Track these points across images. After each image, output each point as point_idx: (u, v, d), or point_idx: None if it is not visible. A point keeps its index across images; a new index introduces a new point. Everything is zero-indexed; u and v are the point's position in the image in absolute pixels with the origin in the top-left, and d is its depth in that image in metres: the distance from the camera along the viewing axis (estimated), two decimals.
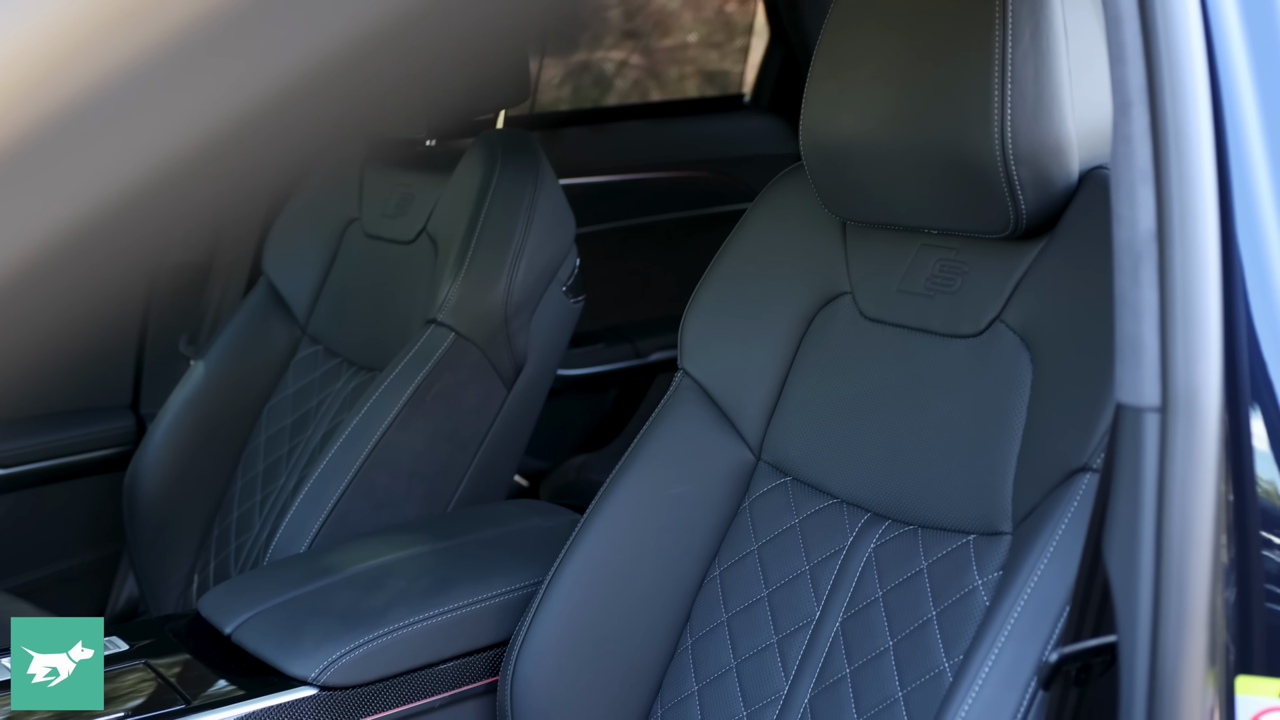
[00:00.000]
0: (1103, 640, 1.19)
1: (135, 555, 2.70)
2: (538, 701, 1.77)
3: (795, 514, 1.74)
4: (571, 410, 3.53)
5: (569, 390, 3.45)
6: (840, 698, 1.59)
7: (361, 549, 2.06)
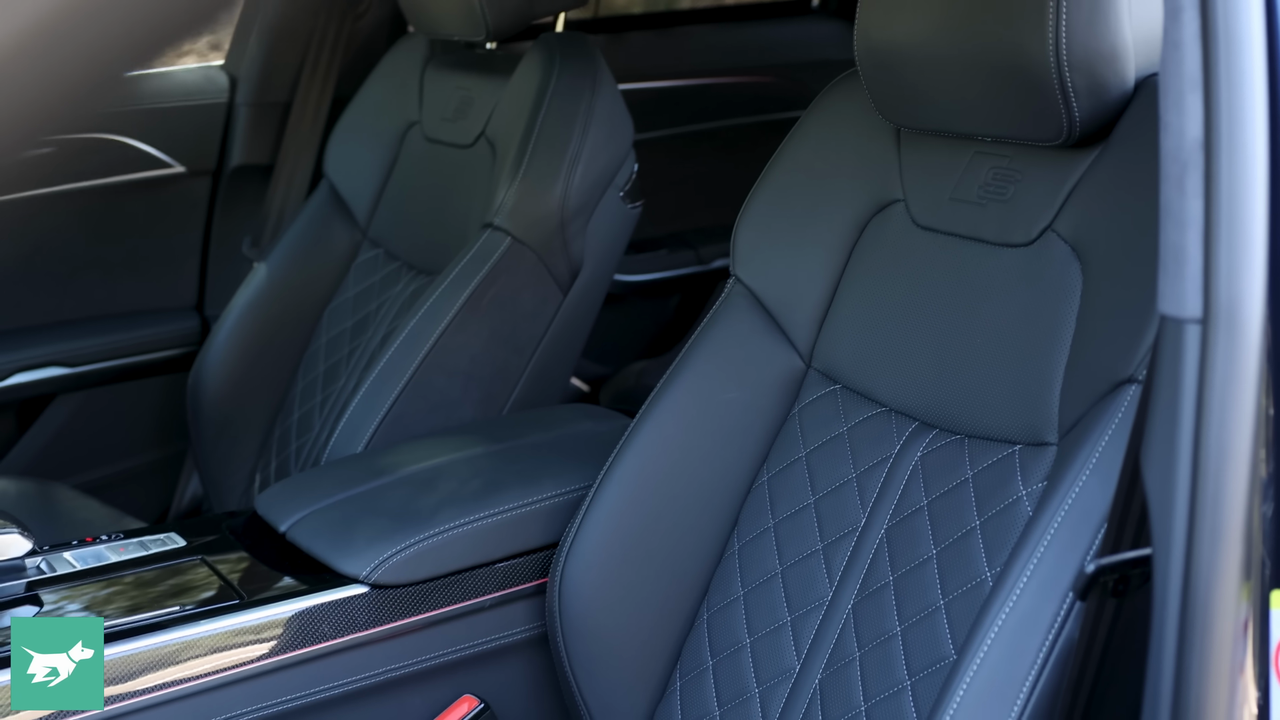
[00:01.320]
0: (1141, 552, 1.19)
1: (199, 454, 2.74)
2: (586, 603, 1.79)
3: (844, 421, 1.74)
4: (633, 316, 3.54)
5: (630, 296, 3.46)
6: (883, 604, 1.60)
7: (415, 450, 2.09)
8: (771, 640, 1.70)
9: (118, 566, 1.84)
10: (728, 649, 1.74)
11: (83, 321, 2.96)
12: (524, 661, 1.92)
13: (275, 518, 1.93)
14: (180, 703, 1.67)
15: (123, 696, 1.63)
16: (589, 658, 1.79)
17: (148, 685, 1.65)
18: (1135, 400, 1.37)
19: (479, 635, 1.88)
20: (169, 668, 1.66)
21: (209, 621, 1.71)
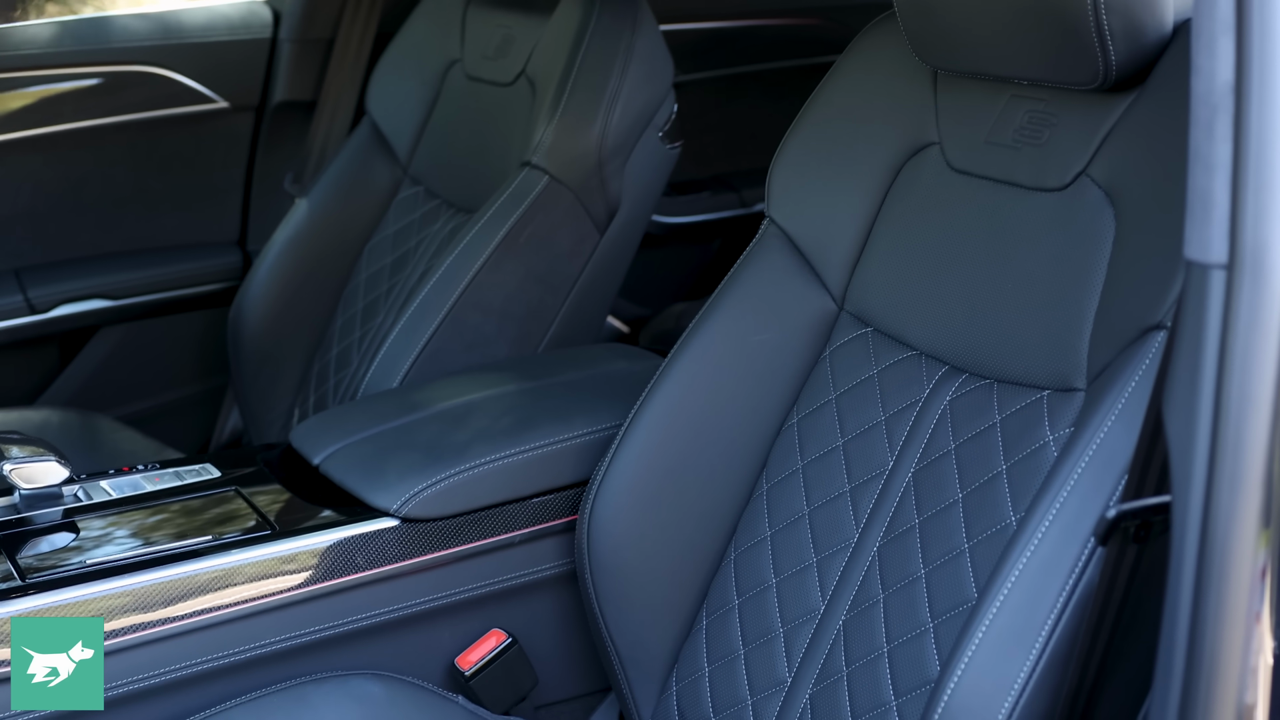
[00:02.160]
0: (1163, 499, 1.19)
1: (239, 388, 2.77)
2: (615, 540, 1.80)
3: (874, 365, 1.74)
4: (674, 258, 3.54)
5: (672, 238, 3.45)
6: (908, 547, 1.60)
7: (449, 386, 2.10)
8: (797, 581, 1.71)
9: (153, 496, 1.86)
10: (754, 589, 1.75)
11: (126, 255, 2.98)
12: (552, 597, 1.94)
13: (309, 451, 1.95)
14: (211, 630, 1.69)
15: (155, 623, 1.66)
16: (617, 595, 1.81)
17: (180, 613, 1.67)
18: (1163, 347, 1.36)
19: (508, 570, 1.90)
20: (201, 596, 1.68)
21: (241, 551, 1.73)
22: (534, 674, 1.91)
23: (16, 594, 1.61)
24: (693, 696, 1.76)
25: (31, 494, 1.78)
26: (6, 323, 2.79)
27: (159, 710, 1.68)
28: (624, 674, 1.82)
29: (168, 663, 1.67)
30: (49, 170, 2.86)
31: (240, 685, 1.73)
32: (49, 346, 2.91)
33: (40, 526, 1.77)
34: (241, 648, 1.72)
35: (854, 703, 1.58)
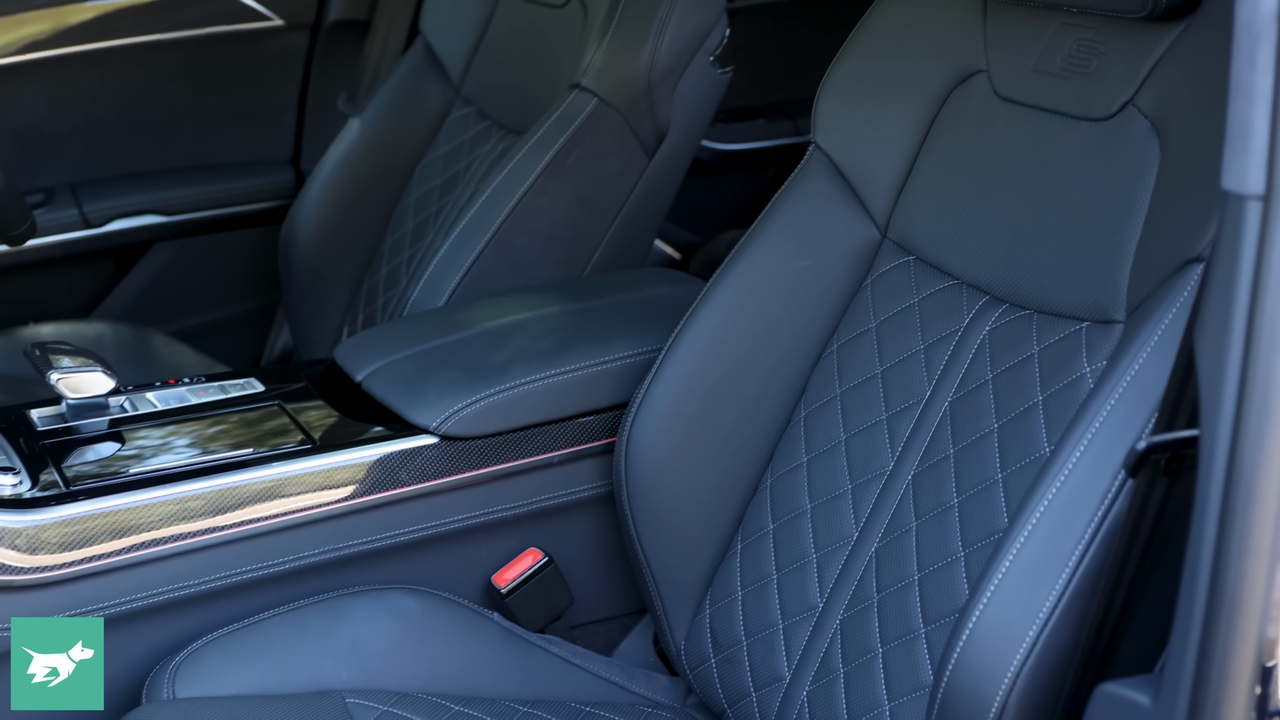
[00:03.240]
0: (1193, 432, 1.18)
1: (290, 305, 2.79)
2: (652, 464, 1.81)
3: (915, 293, 1.73)
4: (728, 185, 3.52)
5: (726, 165, 3.44)
6: (942, 477, 1.60)
7: (492, 307, 2.11)
8: (831, 507, 1.71)
9: (197, 408, 1.89)
10: (789, 514, 1.75)
11: (181, 171, 3.00)
12: (590, 518, 1.95)
13: (352, 367, 1.97)
14: (250, 542, 1.72)
15: (196, 534, 1.68)
16: (654, 518, 1.82)
17: (220, 524, 1.70)
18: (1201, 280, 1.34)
19: (546, 490, 1.91)
20: (241, 508, 1.71)
21: (282, 465, 1.75)
22: (569, 594, 1.93)
23: (63, 500, 1.64)
24: (725, 620, 1.77)
25: (78, 404, 1.81)
26: (62, 236, 2.83)
27: (199, 619, 1.71)
28: (659, 596, 1.83)
29: (207, 572, 1.70)
30: (105, 86, 2.88)
31: (278, 596, 1.75)
32: (104, 261, 2.95)
33: (86, 436, 1.80)
34: (280, 560, 1.74)
35: (883, 629, 1.59)
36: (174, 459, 1.75)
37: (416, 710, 1.65)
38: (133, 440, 1.79)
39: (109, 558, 1.63)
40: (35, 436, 1.78)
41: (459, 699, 1.70)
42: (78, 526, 1.62)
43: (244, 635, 1.70)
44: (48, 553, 1.59)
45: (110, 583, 1.64)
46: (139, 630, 1.68)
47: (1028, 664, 1.30)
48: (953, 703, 1.35)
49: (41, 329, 2.67)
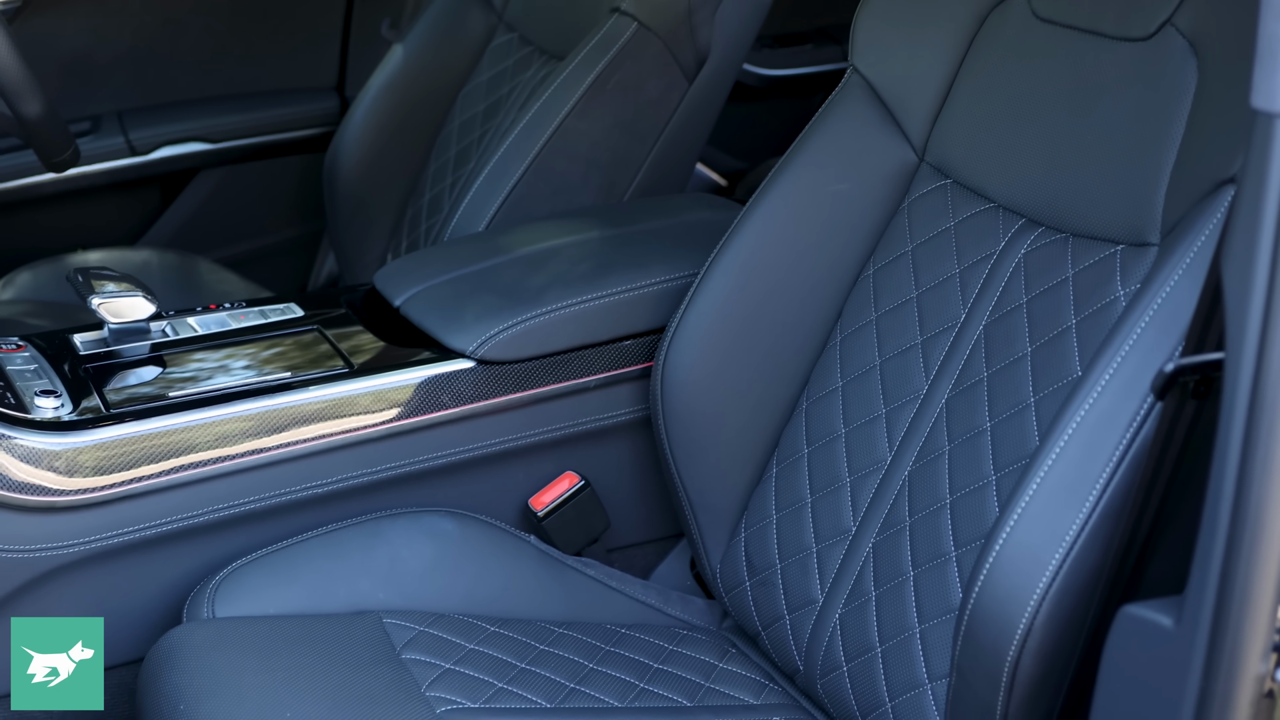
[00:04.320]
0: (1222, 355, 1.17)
1: (334, 233, 2.80)
2: (689, 388, 1.81)
3: (952, 216, 1.72)
4: (773, 112, 3.50)
5: (772, 91, 3.42)
6: (975, 401, 1.60)
7: (531, 232, 2.11)
8: (866, 431, 1.71)
9: (237, 333, 1.90)
10: (823, 438, 1.75)
11: (226, 99, 3.01)
12: (626, 443, 1.96)
13: (390, 292, 1.98)
14: (288, 465, 1.74)
15: (234, 456, 1.70)
16: (689, 442, 1.82)
17: (258, 447, 1.72)
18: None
19: (583, 415, 1.92)
20: (279, 432, 1.73)
21: (320, 388, 1.77)
22: (606, 517, 1.94)
23: (103, 423, 1.66)
24: (760, 543, 1.78)
25: (120, 328, 1.83)
26: (108, 164, 2.84)
27: (238, 541, 1.73)
28: (694, 520, 1.84)
29: (246, 495, 1.72)
30: (150, 14, 2.89)
31: (317, 518, 1.78)
32: (150, 189, 2.97)
33: (127, 360, 1.82)
34: (318, 483, 1.76)
35: (915, 552, 1.59)
36: (214, 383, 1.77)
37: (452, 631, 1.67)
38: (173, 364, 1.81)
39: (149, 480, 1.65)
40: (77, 361, 1.80)
41: (495, 620, 1.72)
42: (117, 449, 1.64)
43: (283, 556, 1.72)
44: (86, 475, 1.61)
45: (150, 504, 1.66)
46: (180, 551, 1.71)
47: (1053, 587, 1.31)
48: (979, 625, 1.35)
49: (89, 256, 2.69)
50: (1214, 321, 1.22)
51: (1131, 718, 1.19)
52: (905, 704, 1.54)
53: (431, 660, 1.61)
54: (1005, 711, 1.35)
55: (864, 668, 1.60)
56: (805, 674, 1.69)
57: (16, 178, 2.75)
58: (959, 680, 1.40)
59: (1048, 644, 1.32)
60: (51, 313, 2.44)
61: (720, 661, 1.77)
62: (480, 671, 1.62)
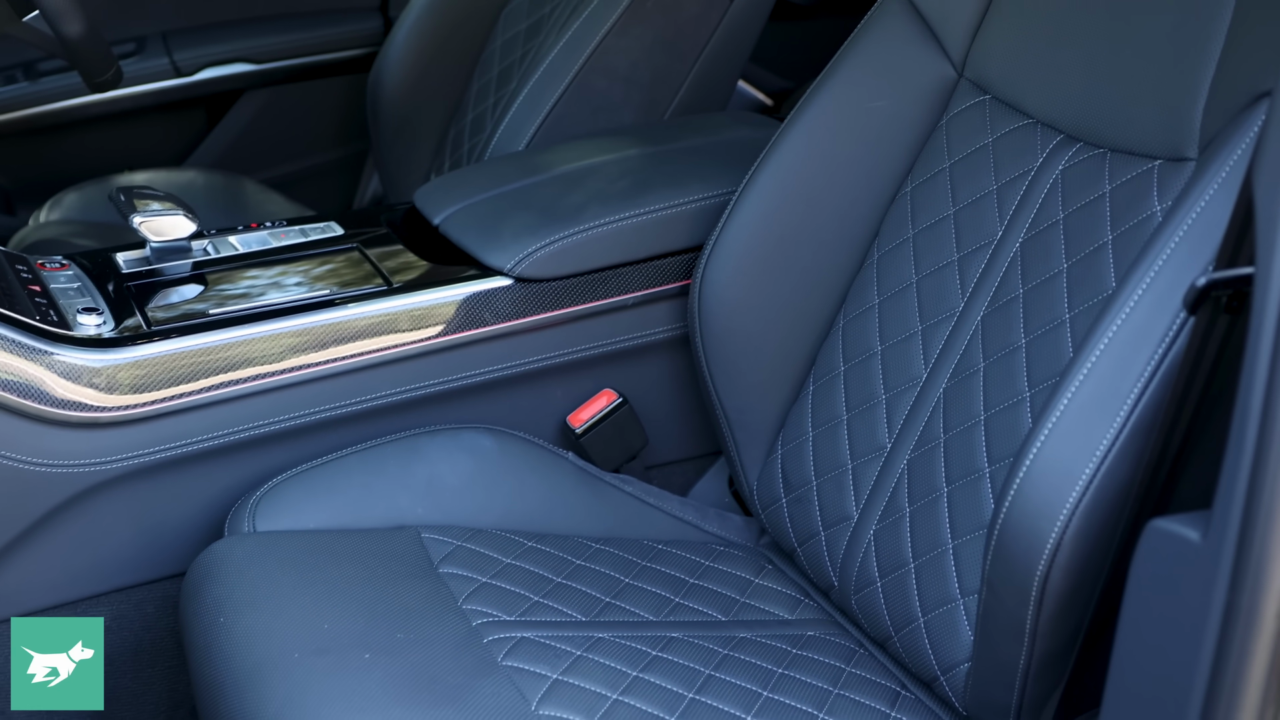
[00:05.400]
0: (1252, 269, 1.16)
1: (378, 153, 2.81)
2: (727, 306, 1.81)
3: (990, 132, 1.71)
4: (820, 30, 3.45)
5: (819, 10, 3.39)
6: (1011, 317, 1.59)
7: (570, 150, 2.11)
8: (901, 349, 1.71)
9: (278, 251, 1.92)
10: (859, 356, 1.75)
11: (270, 19, 3.01)
12: (664, 360, 1.96)
13: (430, 211, 1.99)
14: (328, 381, 1.76)
15: (274, 373, 1.72)
16: (727, 359, 1.83)
17: (298, 364, 1.73)
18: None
19: (621, 333, 1.92)
20: (318, 349, 1.74)
21: (358, 306, 1.78)
22: (644, 434, 1.95)
23: (144, 340, 1.68)
24: (796, 460, 1.78)
25: (161, 247, 1.84)
26: (154, 85, 2.86)
27: (279, 456, 1.76)
28: (732, 437, 1.85)
29: (286, 411, 1.74)
30: None
31: (356, 435, 1.79)
32: (195, 110, 2.98)
33: (169, 278, 1.83)
34: (357, 399, 1.78)
35: (949, 469, 1.59)
36: (254, 301, 1.78)
37: (490, 545, 1.69)
38: (214, 282, 1.83)
39: (189, 396, 1.68)
40: (120, 279, 1.82)
41: (532, 535, 1.73)
42: (158, 366, 1.66)
43: (322, 472, 1.74)
44: (126, 392, 1.63)
45: (191, 420, 1.68)
46: (221, 467, 1.73)
47: (1083, 502, 1.31)
48: (1009, 540, 1.35)
49: (134, 177, 2.71)
50: (1247, 235, 1.21)
51: (1158, 631, 1.19)
52: (937, 619, 1.55)
53: (468, 574, 1.63)
54: (1035, 626, 1.36)
55: (897, 583, 1.61)
56: (840, 589, 1.70)
57: (62, 99, 2.77)
58: (989, 594, 1.40)
59: (1077, 559, 1.32)
60: (96, 233, 2.46)
61: (756, 577, 1.78)
62: (516, 585, 1.63)
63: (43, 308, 1.69)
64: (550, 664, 1.51)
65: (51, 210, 2.67)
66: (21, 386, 1.57)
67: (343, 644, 1.47)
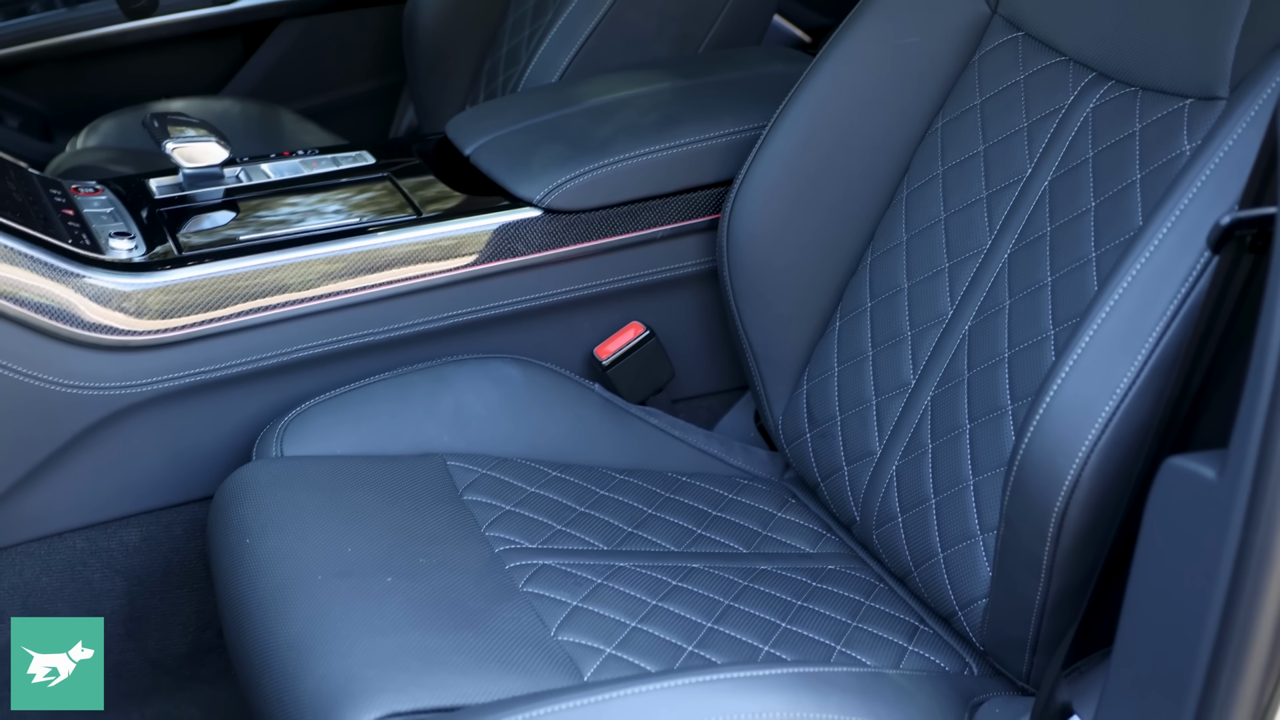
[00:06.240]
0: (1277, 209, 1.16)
1: (414, 84, 2.81)
2: (755, 240, 1.81)
3: (1022, 70, 1.70)
4: None
5: None
6: (1037, 255, 1.59)
7: (602, 83, 2.11)
8: (928, 285, 1.71)
9: (309, 179, 1.93)
10: (886, 292, 1.75)
11: None
12: (693, 294, 1.97)
13: (461, 141, 1.99)
14: (356, 309, 1.77)
15: (303, 300, 1.73)
16: (755, 294, 1.83)
17: (327, 291, 1.75)
18: None
19: (650, 265, 1.93)
20: (347, 277, 1.76)
21: (388, 234, 1.79)
22: (670, 367, 1.96)
23: (175, 265, 1.69)
24: (821, 395, 1.79)
25: (194, 173, 1.86)
26: (191, 13, 2.86)
27: (307, 383, 1.77)
28: (758, 371, 1.85)
29: (314, 338, 1.76)
30: None
31: (384, 363, 1.81)
32: (233, 39, 2.98)
33: (201, 205, 1.85)
34: (385, 328, 1.79)
35: (972, 406, 1.59)
36: (285, 228, 1.79)
37: (514, 474, 1.70)
38: (246, 209, 1.84)
39: (219, 321, 1.69)
40: (153, 204, 1.83)
41: (557, 465, 1.75)
42: (188, 291, 1.67)
43: (350, 398, 1.76)
44: (155, 317, 1.65)
45: (221, 345, 1.70)
46: (250, 392, 1.75)
47: (1103, 439, 1.31)
48: (1027, 475, 1.36)
49: (171, 104, 2.72)
50: (1273, 175, 1.20)
51: (1172, 568, 1.19)
52: (956, 555, 1.55)
53: (492, 502, 1.65)
54: (1051, 562, 1.36)
55: (918, 519, 1.62)
56: (861, 524, 1.71)
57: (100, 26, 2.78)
58: (1007, 530, 1.41)
59: (1095, 496, 1.32)
60: (133, 160, 2.47)
61: (779, 511, 1.79)
62: (540, 514, 1.65)
63: (75, 231, 1.71)
64: (570, 591, 1.52)
65: (88, 137, 2.69)
66: (52, 309, 1.59)
67: (365, 567, 1.49)
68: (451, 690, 1.33)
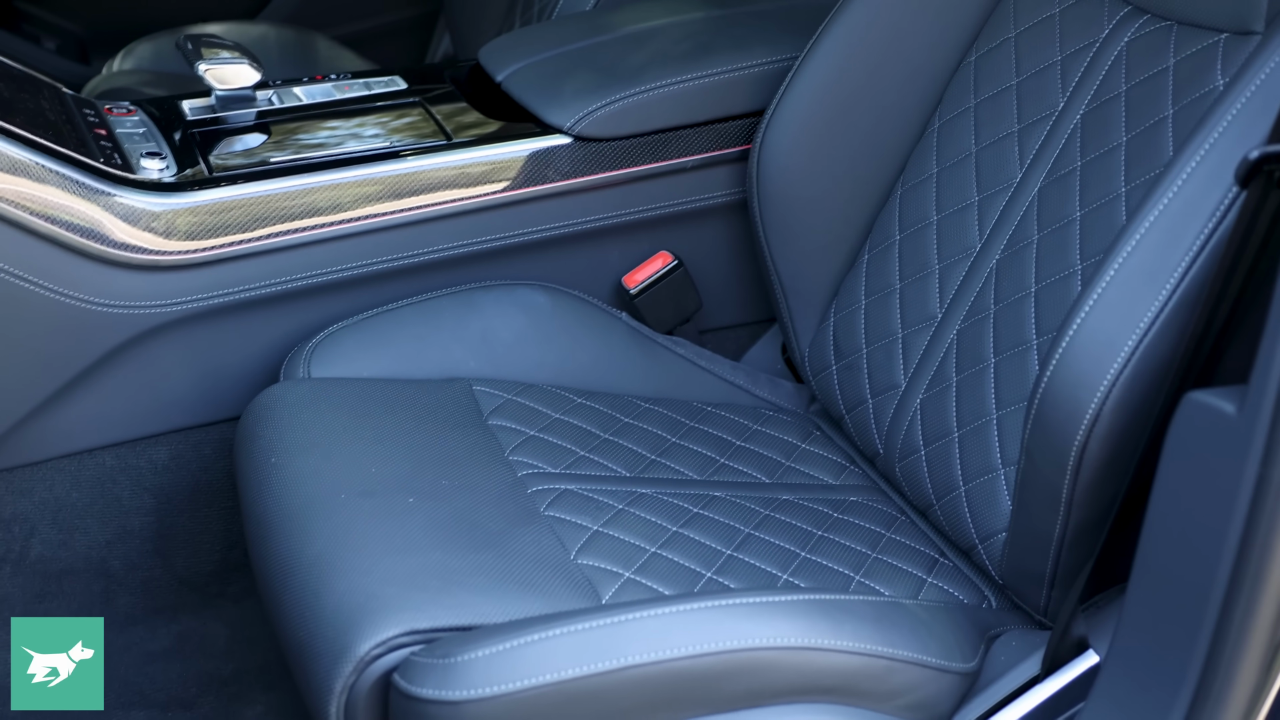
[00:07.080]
0: None
1: (450, 12, 2.81)
2: (785, 172, 1.81)
3: (1057, 3, 1.68)
4: None
5: None
6: (1067, 189, 1.58)
7: (635, 11, 2.10)
8: (958, 219, 1.70)
9: (341, 103, 1.93)
10: (915, 225, 1.75)
11: None
12: (722, 225, 1.96)
13: (493, 68, 1.99)
14: (385, 234, 1.78)
15: (332, 224, 1.74)
16: (784, 226, 1.83)
17: (356, 215, 1.75)
18: None
19: (679, 195, 1.93)
20: (376, 201, 1.76)
21: (417, 159, 1.80)
22: (698, 297, 1.96)
23: (205, 186, 1.70)
24: (848, 327, 1.79)
25: (226, 95, 1.86)
26: None
27: (335, 306, 1.78)
28: (785, 303, 1.85)
29: (343, 261, 1.76)
30: None
31: (412, 287, 1.82)
32: None
33: (233, 127, 1.85)
34: (413, 252, 1.80)
35: (997, 340, 1.59)
36: (315, 151, 1.80)
37: (539, 400, 1.71)
38: (277, 132, 1.85)
39: (248, 243, 1.70)
40: (185, 125, 1.84)
41: (582, 392, 1.75)
42: (217, 212, 1.68)
43: (378, 322, 1.77)
44: (183, 238, 1.66)
45: (249, 267, 1.71)
46: (278, 314, 1.76)
47: (1125, 373, 1.30)
48: (1049, 408, 1.36)
49: (207, 28, 2.72)
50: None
51: (1190, 502, 1.19)
52: (978, 488, 1.56)
53: (517, 427, 1.66)
54: (1071, 495, 1.36)
55: (941, 452, 1.62)
56: (885, 457, 1.71)
57: None
58: (1027, 462, 1.41)
59: (1115, 430, 1.32)
60: (168, 83, 2.48)
61: (803, 442, 1.80)
62: (564, 440, 1.66)
63: (107, 150, 1.71)
64: (592, 516, 1.53)
65: (125, 59, 2.69)
66: (82, 227, 1.60)
67: (388, 487, 1.50)
68: (470, 610, 1.34)
